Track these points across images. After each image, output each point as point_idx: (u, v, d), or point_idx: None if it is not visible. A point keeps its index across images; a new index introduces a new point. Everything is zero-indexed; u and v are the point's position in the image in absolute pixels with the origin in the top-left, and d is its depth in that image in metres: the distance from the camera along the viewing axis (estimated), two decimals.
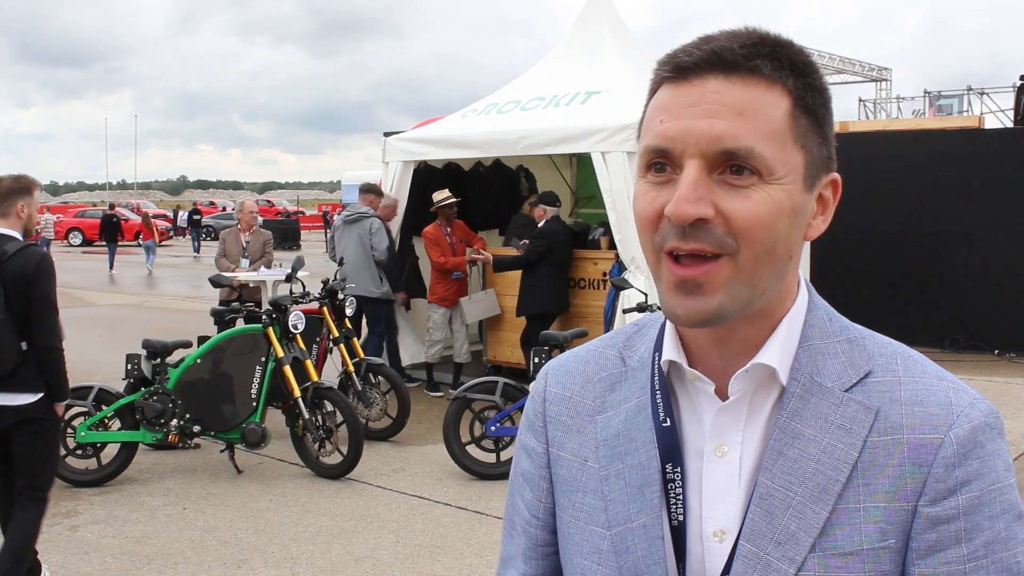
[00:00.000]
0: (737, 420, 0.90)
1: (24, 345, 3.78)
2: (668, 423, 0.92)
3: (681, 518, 0.91)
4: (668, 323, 0.95)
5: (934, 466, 0.84)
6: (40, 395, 3.82)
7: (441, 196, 8.08)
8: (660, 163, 0.85)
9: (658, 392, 0.94)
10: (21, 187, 3.90)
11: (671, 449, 0.92)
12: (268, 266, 8.51)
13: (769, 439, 0.88)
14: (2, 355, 3.70)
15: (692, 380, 0.92)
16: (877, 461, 0.85)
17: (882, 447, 0.85)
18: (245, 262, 8.48)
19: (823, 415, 0.87)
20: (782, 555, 0.85)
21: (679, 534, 0.91)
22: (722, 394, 0.91)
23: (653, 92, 0.89)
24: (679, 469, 0.91)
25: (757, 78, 0.83)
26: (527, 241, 7.97)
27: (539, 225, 7.74)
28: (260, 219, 9.31)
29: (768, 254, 0.83)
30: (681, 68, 0.85)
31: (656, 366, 0.95)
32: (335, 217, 9.47)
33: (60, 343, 3.87)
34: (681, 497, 0.91)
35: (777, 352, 0.88)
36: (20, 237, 3.88)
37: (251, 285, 8.40)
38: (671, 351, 0.93)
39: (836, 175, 0.90)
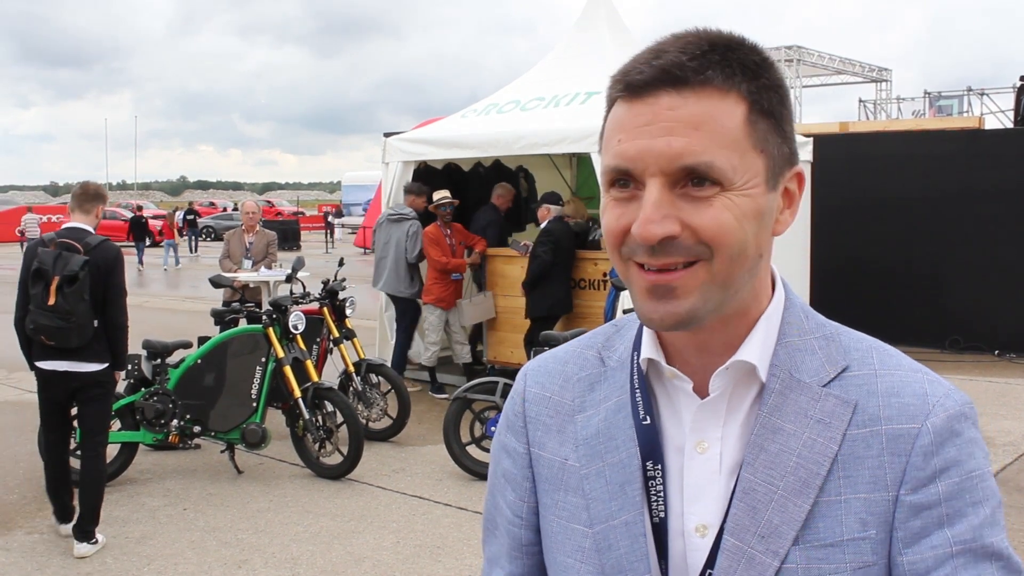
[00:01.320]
0: (717, 417, 0.91)
1: (95, 323, 4.61)
2: (648, 421, 0.93)
3: (663, 515, 0.92)
4: None
5: (912, 455, 0.85)
6: (106, 364, 4.70)
7: (439, 196, 8.08)
8: (623, 179, 0.85)
9: (638, 390, 0.95)
10: (102, 193, 4.90)
11: (651, 446, 0.93)
12: (269, 267, 8.46)
13: (749, 435, 0.89)
14: (84, 331, 4.55)
15: (671, 378, 0.94)
16: (857, 453, 0.86)
17: (861, 439, 0.87)
18: (248, 263, 8.40)
19: (802, 410, 0.88)
20: (766, 548, 0.86)
21: (660, 530, 0.92)
22: (700, 391, 0.92)
23: (609, 107, 0.88)
24: (660, 466, 0.92)
25: (710, 89, 0.82)
26: (527, 243, 7.99)
27: (542, 225, 7.76)
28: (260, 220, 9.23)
29: (740, 256, 0.84)
30: (633, 86, 0.84)
31: (635, 365, 0.96)
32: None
33: (128, 323, 4.82)
34: (662, 494, 0.92)
35: (757, 349, 0.90)
36: (94, 233, 4.76)
37: (252, 286, 8.35)
38: (649, 349, 0.94)
39: (799, 167, 0.91)
